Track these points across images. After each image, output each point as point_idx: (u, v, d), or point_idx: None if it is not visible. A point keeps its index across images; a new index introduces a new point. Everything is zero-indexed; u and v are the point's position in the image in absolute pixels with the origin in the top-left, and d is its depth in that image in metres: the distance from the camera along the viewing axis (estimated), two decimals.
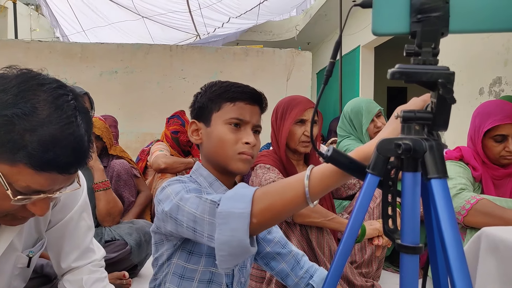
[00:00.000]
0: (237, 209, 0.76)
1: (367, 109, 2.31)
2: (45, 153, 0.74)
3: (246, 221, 0.75)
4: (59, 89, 0.79)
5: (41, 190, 0.79)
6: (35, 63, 4.27)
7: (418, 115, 0.63)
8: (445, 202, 0.60)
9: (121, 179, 2.38)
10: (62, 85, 0.81)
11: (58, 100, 0.77)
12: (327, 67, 0.72)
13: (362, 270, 1.78)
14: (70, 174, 0.81)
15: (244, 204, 0.76)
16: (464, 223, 1.58)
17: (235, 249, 0.76)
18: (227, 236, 0.76)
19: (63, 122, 0.76)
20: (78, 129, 0.78)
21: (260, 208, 0.75)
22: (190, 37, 6.97)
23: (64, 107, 0.77)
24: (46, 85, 0.78)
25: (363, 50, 6.20)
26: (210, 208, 0.80)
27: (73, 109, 0.79)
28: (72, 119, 0.78)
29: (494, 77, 3.24)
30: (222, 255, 0.77)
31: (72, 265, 1.13)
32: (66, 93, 0.80)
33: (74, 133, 0.78)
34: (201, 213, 0.82)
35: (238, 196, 0.78)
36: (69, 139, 0.77)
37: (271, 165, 1.66)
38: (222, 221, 0.77)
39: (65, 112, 0.77)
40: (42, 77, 0.80)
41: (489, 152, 1.72)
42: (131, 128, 4.28)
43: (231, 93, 1.01)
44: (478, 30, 0.61)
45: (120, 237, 1.94)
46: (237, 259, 0.78)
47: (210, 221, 0.80)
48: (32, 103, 0.75)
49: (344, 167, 0.70)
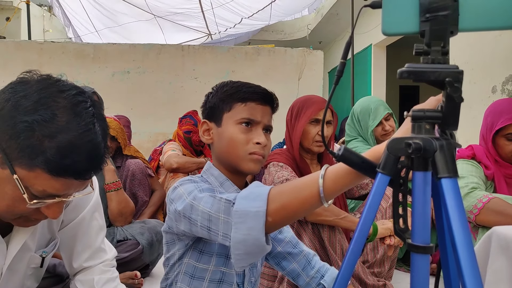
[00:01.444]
0: (253, 208, 0.76)
1: (375, 111, 2.28)
2: (63, 159, 0.76)
3: (262, 219, 0.75)
4: (78, 96, 0.81)
5: (56, 194, 0.81)
6: (48, 64, 4.36)
7: (428, 114, 0.63)
8: (456, 201, 0.60)
9: (135, 178, 2.41)
10: (81, 91, 0.83)
11: (77, 107, 0.79)
12: (338, 67, 0.72)
13: (374, 270, 1.77)
14: (85, 179, 0.83)
15: (259, 202, 0.76)
16: (476, 222, 1.57)
17: (251, 247, 0.77)
18: (243, 235, 0.76)
19: (82, 130, 0.78)
20: (96, 136, 0.80)
21: (275, 207, 0.76)
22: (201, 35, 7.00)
23: (83, 114, 0.79)
24: (66, 91, 0.80)
25: (375, 49, 6.15)
26: (225, 207, 0.81)
27: (91, 116, 0.81)
28: (90, 126, 0.79)
29: (507, 75, 3.19)
30: (238, 254, 0.78)
31: (84, 265, 1.14)
32: (85, 100, 0.82)
33: (92, 140, 0.79)
34: (216, 212, 0.82)
35: (253, 195, 0.79)
36: (87, 146, 0.78)
37: (284, 163, 1.67)
38: (238, 220, 0.77)
39: (84, 120, 0.79)
40: (62, 83, 0.82)
41: (501, 150, 1.70)
42: (143, 128, 4.32)
43: (242, 93, 1.01)
44: (487, 28, 0.61)
45: (132, 237, 1.96)
46: (253, 257, 0.79)
47: (225, 220, 0.80)
48: (52, 110, 0.76)
49: (356, 166, 0.71)
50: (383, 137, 2.29)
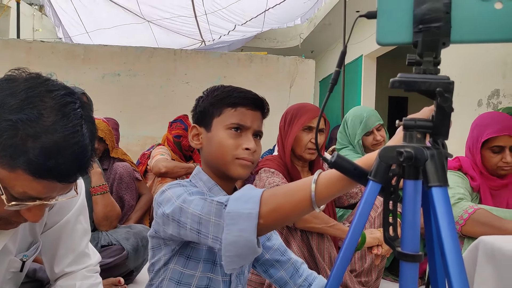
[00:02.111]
0: (246, 210, 0.76)
1: (366, 120, 2.30)
2: (46, 161, 0.73)
3: (254, 221, 0.75)
4: (67, 97, 0.78)
5: (37, 197, 0.78)
6: (37, 63, 4.31)
7: (419, 123, 0.64)
8: (446, 210, 0.61)
9: (123, 181, 2.37)
10: (70, 92, 0.80)
11: (65, 108, 0.77)
12: (332, 75, 0.73)
13: (362, 279, 1.77)
14: (69, 183, 0.80)
15: (252, 204, 0.77)
16: (462, 232, 1.59)
17: (242, 249, 0.77)
18: (234, 237, 0.76)
19: (68, 131, 0.75)
20: (83, 138, 0.78)
21: (268, 209, 0.76)
22: (195, 42, 6.99)
23: (70, 115, 0.77)
24: (54, 91, 0.77)
25: (366, 59, 6.23)
26: (216, 209, 0.81)
27: (79, 118, 0.78)
28: (78, 128, 0.77)
29: (492, 89, 3.26)
30: (229, 256, 0.78)
31: (66, 270, 1.10)
32: (74, 101, 0.79)
33: (79, 142, 0.77)
34: (206, 215, 0.82)
35: (246, 197, 0.79)
36: (73, 149, 0.76)
37: (276, 170, 1.67)
38: (230, 222, 0.77)
39: (71, 121, 0.76)
40: (51, 83, 0.80)
41: (486, 162, 1.73)
42: (132, 131, 4.29)
43: (233, 98, 1.01)
44: (479, 40, 0.62)
45: (117, 242, 1.91)
46: (244, 259, 0.79)
47: (216, 222, 0.80)
48: (39, 109, 0.74)
49: (348, 173, 0.71)
50: (374, 147, 2.32)
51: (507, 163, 1.69)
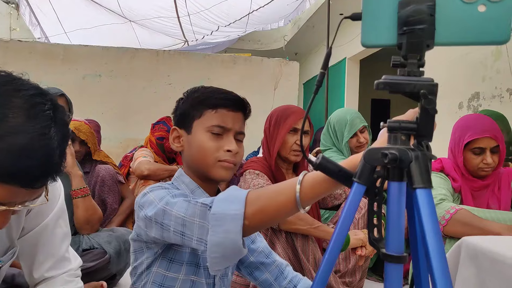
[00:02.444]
0: (231, 211, 0.76)
1: (351, 123, 2.33)
2: (9, 165, 0.69)
3: (240, 222, 0.75)
4: (36, 97, 0.74)
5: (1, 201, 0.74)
6: (13, 63, 4.20)
7: (403, 125, 0.64)
8: (430, 211, 0.61)
9: (105, 184, 2.34)
10: (41, 93, 0.75)
11: (33, 109, 0.72)
12: (317, 77, 0.73)
13: (346, 279, 1.78)
14: (34, 188, 0.76)
15: (237, 205, 0.76)
16: (444, 233, 1.61)
17: (227, 250, 0.76)
18: (220, 238, 0.76)
19: (35, 133, 0.71)
20: (50, 141, 0.73)
21: (253, 210, 0.76)
22: (178, 42, 6.94)
23: (38, 117, 0.72)
24: (23, 91, 0.73)
25: (349, 62, 6.29)
26: (201, 211, 0.80)
27: (49, 120, 0.74)
28: (45, 131, 0.73)
29: (472, 92, 3.33)
30: (215, 257, 0.77)
31: (46, 275, 1.07)
32: (44, 102, 0.75)
33: (45, 146, 0.72)
34: (190, 216, 0.81)
35: (231, 198, 0.78)
36: (38, 152, 0.71)
37: (261, 171, 1.67)
38: (215, 223, 0.77)
39: (39, 123, 0.72)
40: (20, 82, 0.75)
41: (468, 164, 1.76)
42: (114, 134, 4.22)
43: (213, 99, 0.99)
44: (463, 42, 0.63)
45: (99, 246, 1.88)
46: (230, 260, 0.79)
47: (200, 224, 0.79)
48: (4, 109, 0.70)
49: (333, 174, 0.71)
50: (357, 149, 2.34)
51: (488, 165, 1.72)
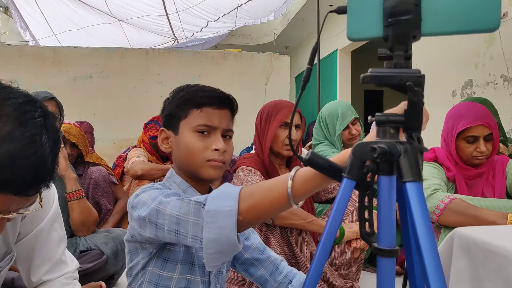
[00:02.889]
0: (225, 207, 0.76)
1: (342, 115, 2.32)
2: (1, 173, 0.69)
3: (234, 218, 0.75)
4: (26, 105, 0.74)
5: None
6: (4, 68, 4.16)
7: (390, 118, 0.63)
8: (420, 205, 0.61)
9: (99, 186, 2.33)
10: (31, 100, 0.75)
11: (23, 116, 0.72)
12: (304, 73, 0.72)
13: (342, 272, 1.79)
14: (27, 196, 0.76)
15: (231, 201, 0.76)
16: (439, 222, 1.62)
17: (223, 246, 0.77)
18: (215, 234, 0.76)
19: (25, 141, 0.71)
20: (42, 148, 0.73)
21: (246, 206, 0.76)
22: (168, 41, 6.89)
23: (28, 124, 0.72)
24: (12, 99, 0.73)
25: (340, 54, 6.28)
26: (195, 209, 0.80)
27: (39, 127, 0.74)
28: (36, 138, 0.72)
29: (466, 79, 3.33)
30: (211, 253, 0.77)
31: (43, 278, 1.09)
32: (34, 109, 0.75)
33: (37, 153, 0.72)
34: (184, 215, 0.81)
35: (225, 195, 0.78)
36: (30, 160, 0.71)
37: (253, 168, 1.67)
38: (210, 220, 0.77)
39: (29, 130, 0.72)
40: (9, 90, 0.75)
41: (461, 153, 1.76)
42: (106, 134, 4.20)
43: (198, 98, 0.98)
44: (450, 32, 0.62)
45: (96, 247, 1.89)
46: (225, 256, 0.79)
47: (195, 221, 0.79)
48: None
49: (323, 170, 0.71)
50: (349, 141, 2.33)
51: (481, 153, 1.72)
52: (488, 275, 0.90)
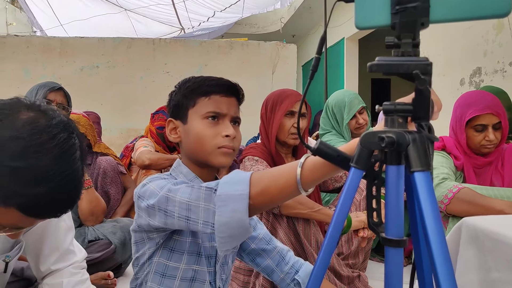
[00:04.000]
0: (236, 191, 0.77)
1: (349, 104, 2.31)
2: (41, 206, 0.75)
3: (245, 201, 0.76)
4: (68, 140, 0.78)
5: (24, 227, 0.81)
6: (12, 58, 4.19)
7: (398, 107, 0.63)
8: (428, 194, 0.60)
9: (107, 176, 2.34)
10: (70, 132, 0.79)
11: (65, 154, 0.77)
12: (313, 62, 0.72)
13: (349, 261, 1.79)
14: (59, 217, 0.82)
15: (242, 186, 0.78)
16: (447, 212, 1.61)
17: (235, 230, 0.78)
18: (227, 218, 0.77)
19: (67, 178, 0.76)
20: (79, 181, 0.79)
21: (257, 191, 0.77)
22: (174, 30, 6.87)
23: (70, 161, 0.77)
24: (57, 136, 0.76)
25: (348, 42, 6.21)
26: (206, 195, 0.81)
27: (78, 161, 0.79)
28: (75, 173, 0.78)
29: (474, 67, 3.28)
30: (222, 237, 0.79)
31: (52, 268, 1.11)
32: (73, 142, 0.79)
33: (75, 187, 0.78)
34: (195, 200, 0.82)
35: (235, 179, 0.80)
36: (69, 193, 0.77)
37: (260, 157, 1.66)
38: (221, 204, 0.78)
39: (71, 167, 0.77)
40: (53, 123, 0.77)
41: (470, 141, 1.74)
42: (114, 124, 4.22)
43: (205, 87, 0.99)
44: (459, 18, 0.60)
45: (104, 236, 1.91)
46: (237, 239, 0.80)
47: (205, 207, 0.80)
48: (41, 159, 0.73)
49: (331, 159, 0.71)
50: (357, 131, 2.32)
51: (490, 141, 1.70)
52: (496, 264, 0.90)
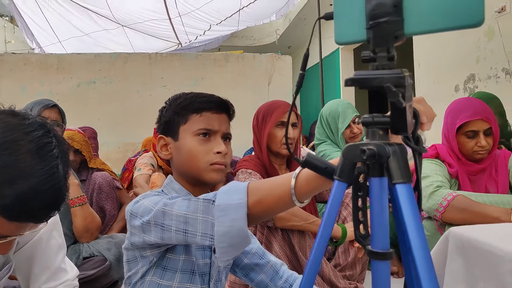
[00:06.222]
0: (235, 201, 0.78)
1: (343, 114, 2.32)
2: (21, 206, 0.73)
3: (244, 210, 0.77)
4: (44, 138, 0.77)
5: (8, 235, 0.79)
6: (9, 76, 4.21)
7: (376, 119, 0.63)
8: (410, 206, 0.60)
9: (103, 191, 2.34)
10: (46, 131, 0.79)
11: (41, 151, 0.76)
12: (298, 78, 0.73)
13: (346, 273, 1.77)
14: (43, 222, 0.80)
15: (240, 195, 0.78)
16: (443, 220, 1.60)
17: (235, 238, 0.78)
18: (226, 227, 0.78)
19: (45, 175, 0.75)
20: (58, 180, 0.78)
21: (254, 200, 0.78)
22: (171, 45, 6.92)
23: (47, 158, 0.76)
24: (31, 133, 0.76)
25: (342, 52, 6.26)
26: (204, 207, 0.81)
27: (55, 159, 0.77)
28: (54, 171, 0.77)
29: (468, 74, 3.30)
30: (223, 247, 0.79)
31: (43, 287, 1.10)
32: (50, 140, 0.78)
33: (55, 185, 0.77)
34: (193, 213, 0.82)
35: (233, 189, 0.80)
36: (48, 192, 0.76)
37: (253, 170, 1.66)
38: (220, 214, 0.78)
39: (48, 164, 0.76)
40: (27, 122, 0.78)
41: (462, 148, 1.74)
42: (111, 139, 4.22)
43: (197, 103, 1.00)
44: (434, 30, 0.61)
45: (99, 253, 1.90)
46: (237, 249, 0.80)
47: (204, 219, 0.81)
48: (16, 155, 0.73)
49: (320, 171, 0.72)
50: (351, 140, 2.32)
51: (482, 147, 1.70)
52: (482, 274, 0.89)
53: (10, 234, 0.78)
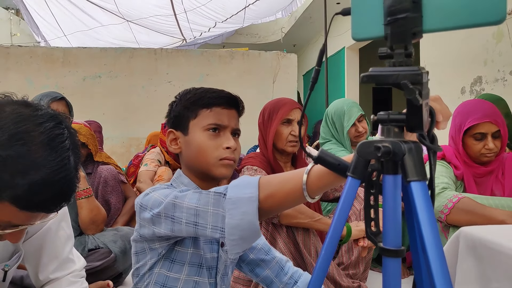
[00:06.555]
0: (246, 194, 0.78)
1: (349, 112, 2.31)
2: (34, 196, 0.74)
3: (255, 203, 0.77)
4: (55, 129, 0.78)
5: (20, 224, 0.80)
6: (15, 68, 4.22)
7: (391, 117, 0.63)
8: (425, 204, 0.60)
9: (108, 185, 2.35)
10: (58, 122, 0.80)
11: (53, 142, 0.77)
12: (313, 74, 0.73)
13: (349, 271, 1.78)
14: (54, 212, 0.82)
15: (251, 189, 0.79)
16: (447, 222, 1.60)
17: (245, 231, 0.78)
18: (238, 220, 0.78)
19: (56, 166, 0.76)
20: (70, 171, 0.79)
21: (265, 194, 0.78)
22: (176, 41, 6.92)
23: (58, 149, 0.77)
24: (43, 124, 0.77)
25: (348, 51, 6.24)
26: (215, 200, 0.82)
27: (67, 150, 0.78)
28: (65, 162, 0.77)
29: (475, 76, 3.29)
30: (233, 240, 0.79)
31: (51, 277, 1.11)
32: (62, 132, 0.79)
33: (66, 176, 0.78)
34: (204, 206, 0.82)
35: (244, 183, 0.81)
36: (60, 183, 0.77)
37: (258, 167, 1.67)
38: (231, 207, 0.79)
39: (59, 155, 0.77)
40: (39, 113, 0.78)
41: (469, 150, 1.74)
42: (116, 133, 4.24)
43: (207, 99, 1.00)
44: (454, 27, 0.60)
45: (104, 245, 1.90)
46: (248, 242, 0.81)
47: (214, 212, 0.81)
48: (28, 146, 0.74)
49: (332, 167, 0.72)
50: (356, 139, 2.32)
51: (490, 150, 1.70)
52: (495, 275, 0.89)
53: (21, 223, 0.80)
